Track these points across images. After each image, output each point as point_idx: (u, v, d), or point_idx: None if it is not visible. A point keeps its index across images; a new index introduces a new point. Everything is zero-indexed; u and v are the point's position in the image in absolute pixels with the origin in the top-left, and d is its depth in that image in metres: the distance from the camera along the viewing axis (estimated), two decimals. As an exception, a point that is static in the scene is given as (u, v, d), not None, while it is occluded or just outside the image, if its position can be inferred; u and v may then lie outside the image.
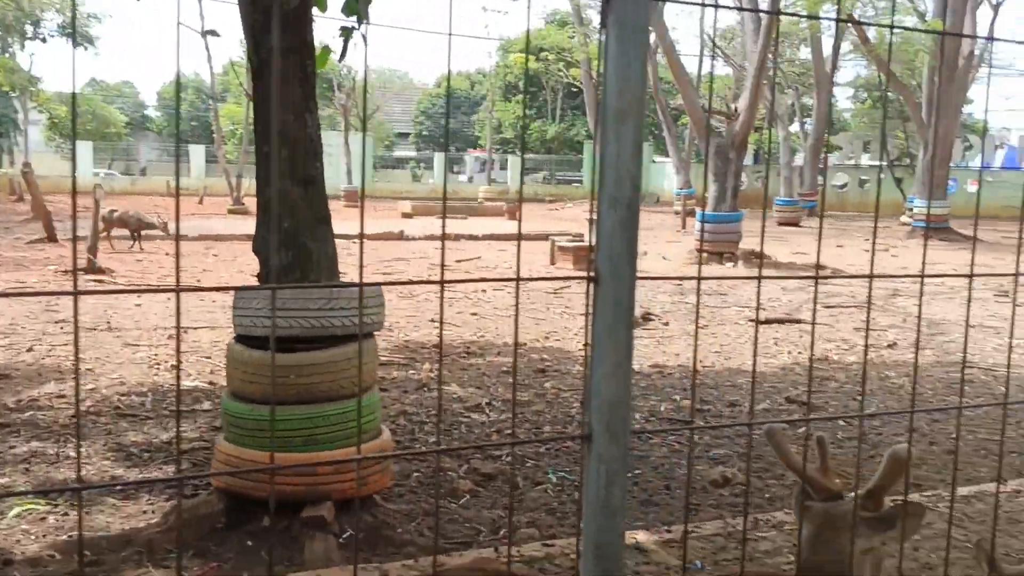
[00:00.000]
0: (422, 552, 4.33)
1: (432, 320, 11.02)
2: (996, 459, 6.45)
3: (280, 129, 4.31)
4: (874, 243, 1.88)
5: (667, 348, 10.07)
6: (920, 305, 2.16)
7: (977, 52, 26.43)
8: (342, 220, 26.90)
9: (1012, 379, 8.93)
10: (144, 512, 4.93)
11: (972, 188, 39.06)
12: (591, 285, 1.48)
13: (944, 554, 4.59)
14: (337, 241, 4.81)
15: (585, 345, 1.49)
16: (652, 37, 23.01)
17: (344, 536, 4.46)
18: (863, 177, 40.89)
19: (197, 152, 44.36)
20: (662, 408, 7.58)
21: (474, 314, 11.72)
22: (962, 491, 5.35)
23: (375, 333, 4.77)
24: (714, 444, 6.67)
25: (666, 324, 11.49)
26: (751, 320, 11.73)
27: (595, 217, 1.46)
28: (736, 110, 17.07)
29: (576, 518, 5.10)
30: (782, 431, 2.66)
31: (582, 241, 17.42)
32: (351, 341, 4.46)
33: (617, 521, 1.49)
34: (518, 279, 1.48)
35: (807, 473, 2.60)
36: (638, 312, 11.85)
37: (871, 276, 2.09)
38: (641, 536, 4.52)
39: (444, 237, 1.34)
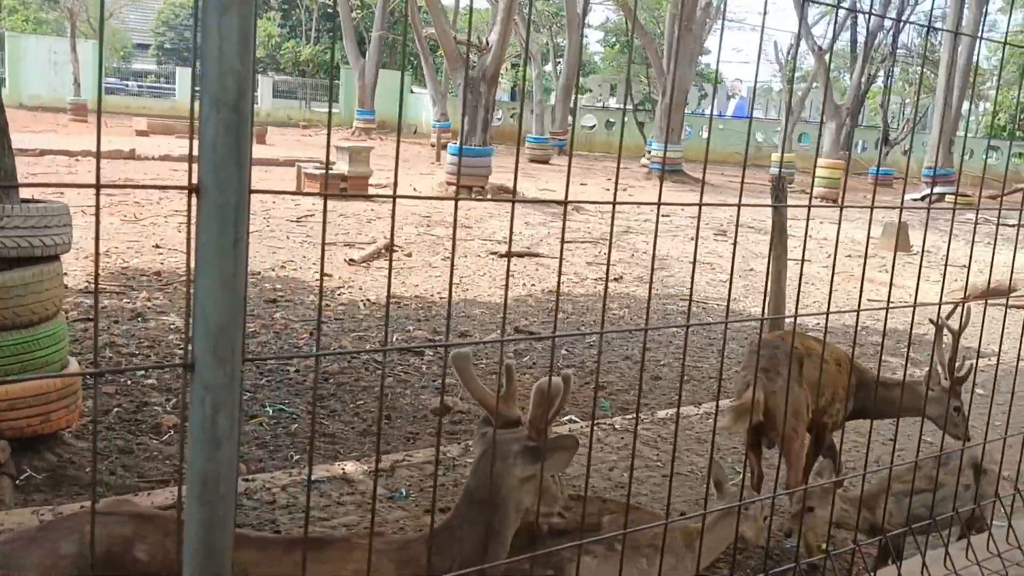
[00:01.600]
0: (111, 491, 4.04)
1: (156, 246, 10.30)
2: (697, 384, 6.99)
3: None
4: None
5: (407, 279, 10.04)
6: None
7: (714, 4, 28.12)
8: (66, 135, 24.46)
9: (716, 310, 9.70)
10: None
11: (705, 134, 41.97)
12: (192, 196, 1.32)
13: (640, 473, 4.90)
14: (57, 158, 4.29)
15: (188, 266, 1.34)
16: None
17: (22, 477, 4.07)
18: (610, 119, 42.77)
19: None
20: (394, 339, 7.56)
21: (207, 241, 11.09)
22: (660, 414, 5.73)
23: (61, 256, 4.32)
24: (441, 374, 6.75)
25: (409, 255, 11.46)
26: (491, 253, 11.95)
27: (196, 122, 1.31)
28: (487, 43, 17.12)
29: (292, 449, 4.97)
30: (467, 357, 2.62)
31: (331, 169, 16.95)
32: (29, 264, 4.02)
33: (224, 451, 1.38)
34: (98, 185, 1.30)
35: (487, 400, 2.60)
36: (381, 242, 11.73)
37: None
38: (350, 467, 4.47)
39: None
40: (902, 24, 30.55)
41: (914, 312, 2.88)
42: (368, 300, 8.81)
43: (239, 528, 3.70)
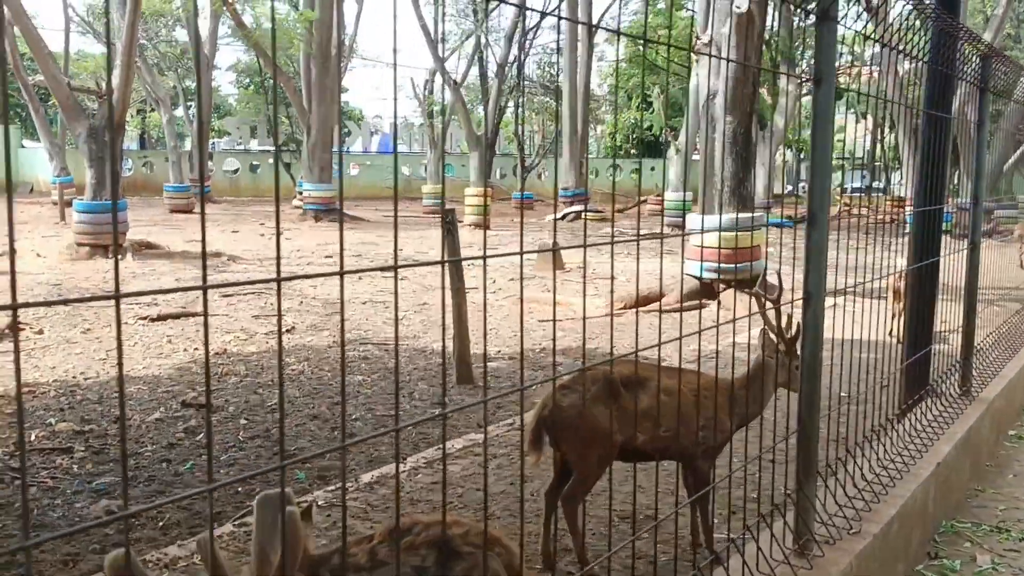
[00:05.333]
0: None
1: None
2: (394, 435, 6.54)
3: None
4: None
5: (41, 362, 8.61)
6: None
7: (347, 43, 28.16)
8: None
9: (404, 352, 9.37)
10: None
11: (354, 171, 41.95)
12: None
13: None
14: None
15: None
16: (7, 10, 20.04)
17: None
18: (254, 162, 41.31)
19: None
20: (32, 437, 6.32)
21: None
22: (365, 478, 5.22)
23: None
24: (98, 472, 5.71)
25: (40, 333, 9.90)
26: (142, 318, 10.69)
27: None
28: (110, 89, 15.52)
29: None
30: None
31: (-73, 241, 14.38)
32: None
33: None
34: None
35: None
36: (3, 321, 10.02)
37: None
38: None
39: None
40: (525, 57, 32.65)
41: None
42: (-7, 394, 7.37)
43: None
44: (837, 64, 3.11)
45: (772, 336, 3.81)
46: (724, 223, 10.32)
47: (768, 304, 3.78)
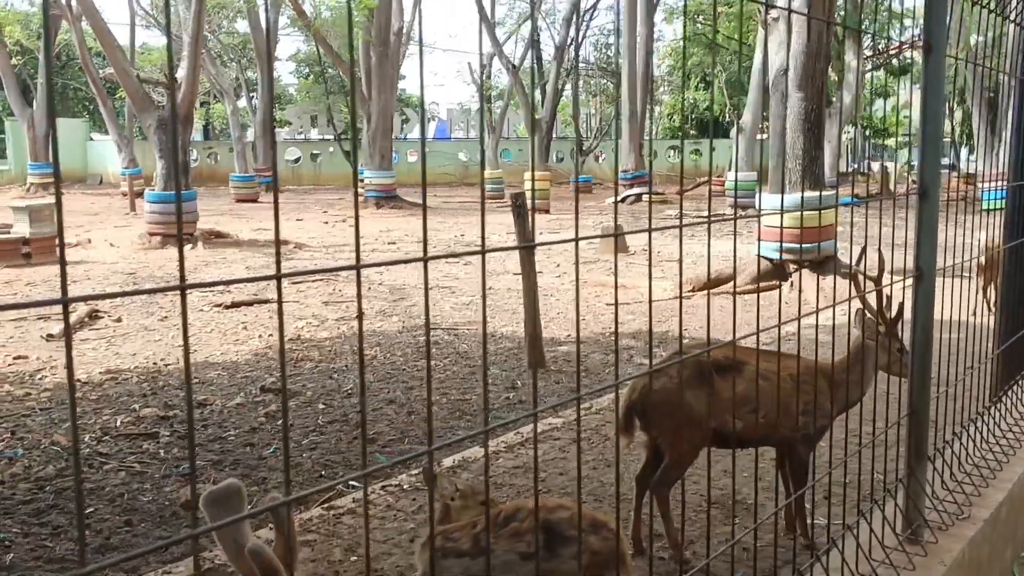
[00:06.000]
0: None
1: None
2: (471, 419, 6.56)
3: None
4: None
5: (121, 349, 8.80)
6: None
7: (405, 30, 28.21)
8: None
9: (467, 335, 9.38)
10: None
11: (412, 158, 42.14)
12: None
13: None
14: None
15: None
16: (74, 2, 20.56)
17: None
18: (315, 151, 41.71)
19: None
20: (118, 423, 6.46)
21: None
22: (447, 462, 5.23)
23: None
24: (184, 456, 5.81)
25: (118, 321, 10.12)
26: (216, 305, 10.87)
27: None
28: (177, 80, 15.80)
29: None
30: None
31: (7, 233, 14.83)
32: None
33: None
34: None
35: None
36: (83, 310, 10.29)
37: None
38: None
39: None
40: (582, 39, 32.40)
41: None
42: (78, 380, 7.55)
43: None
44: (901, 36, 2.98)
45: (871, 317, 3.67)
46: (797, 202, 10.11)
47: (865, 284, 3.66)
